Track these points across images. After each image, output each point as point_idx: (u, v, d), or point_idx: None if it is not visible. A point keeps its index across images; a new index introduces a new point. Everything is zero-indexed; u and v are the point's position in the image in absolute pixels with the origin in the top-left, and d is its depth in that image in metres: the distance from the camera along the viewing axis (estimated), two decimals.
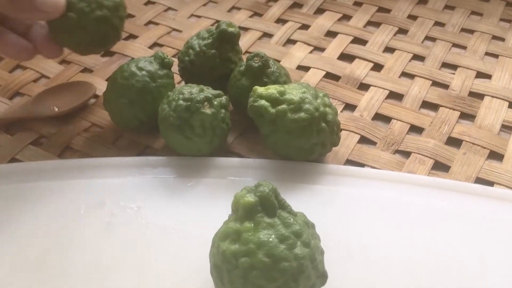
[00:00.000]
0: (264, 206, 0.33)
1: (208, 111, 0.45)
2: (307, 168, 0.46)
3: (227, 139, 0.50)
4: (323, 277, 0.34)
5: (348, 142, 0.50)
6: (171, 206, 0.44)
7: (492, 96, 0.54)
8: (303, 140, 0.44)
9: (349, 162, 0.48)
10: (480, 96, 0.55)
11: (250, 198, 0.33)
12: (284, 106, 0.44)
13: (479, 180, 0.46)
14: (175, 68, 0.53)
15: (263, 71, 0.49)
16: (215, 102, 0.45)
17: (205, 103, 0.45)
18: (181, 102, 0.45)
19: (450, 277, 0.38)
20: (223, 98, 0.47)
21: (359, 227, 0.42)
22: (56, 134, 0.52)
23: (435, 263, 0.39)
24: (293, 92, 0.44)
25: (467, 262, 0.39)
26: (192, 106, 0.44)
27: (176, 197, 0.44)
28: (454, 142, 0.50)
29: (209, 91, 0.46)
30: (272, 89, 0.44)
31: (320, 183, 0.45)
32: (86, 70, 0.60)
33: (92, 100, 0.56)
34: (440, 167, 0.48)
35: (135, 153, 0.50)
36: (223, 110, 0.46)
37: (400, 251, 0.40)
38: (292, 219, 0.33)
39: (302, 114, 0.43)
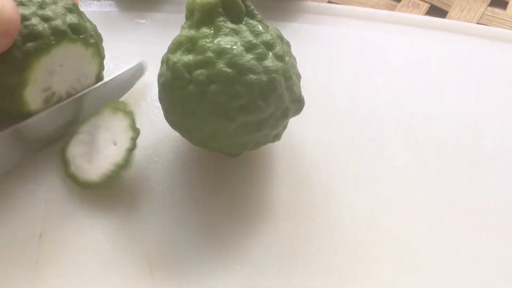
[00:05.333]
0: (227, 9, 0.26)
1: None
2: (283, 5, 0.38)
3: None
4: (299, 102, 0.27)
5: None
6: (112, 42, 0.36)
7: None
8: None
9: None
10: None
11: None
12: None
13: None
14: None
15: None
16: None
17: None
18: None
19: (447, 123, 0.32)
20: None
21: (343, 71, 0.35)
22: None
23: (431, 108, 0.33)
24: None
25: (466, 107, 0.33)
26: None
27: (121, 34, 0.36)
28: None
29: None
30: None
31: (299, 21, 0.38)
32: None
33: None
34: (437, 12, 0.41)
35: None
36: None
37: (391, 97, 0.34)
38: (261, 28, 0.26)
39: None
